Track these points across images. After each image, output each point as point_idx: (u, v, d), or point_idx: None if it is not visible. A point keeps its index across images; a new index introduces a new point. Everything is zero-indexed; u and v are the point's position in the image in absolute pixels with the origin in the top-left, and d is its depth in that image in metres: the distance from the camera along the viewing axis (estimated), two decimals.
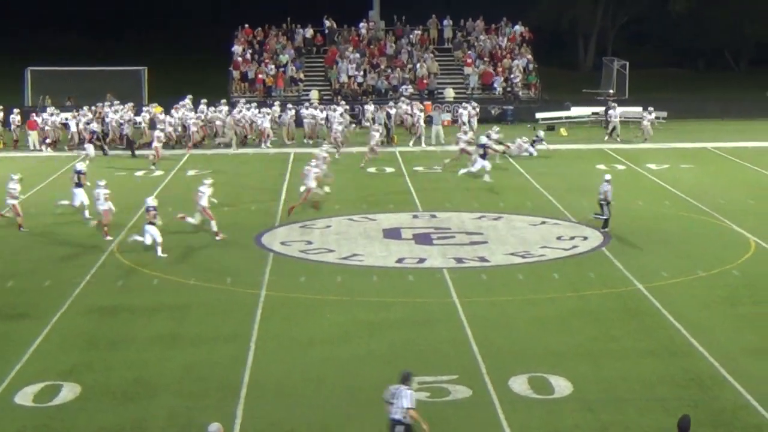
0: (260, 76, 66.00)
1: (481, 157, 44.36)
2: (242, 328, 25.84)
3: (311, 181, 38.61)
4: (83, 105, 57.04)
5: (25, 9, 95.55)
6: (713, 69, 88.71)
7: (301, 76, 67.37)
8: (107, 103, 57.28)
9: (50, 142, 54.22)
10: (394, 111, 57.98)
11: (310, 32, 70.61)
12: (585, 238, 34.94)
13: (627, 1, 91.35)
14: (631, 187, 43.35)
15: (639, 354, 24.07)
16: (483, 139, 45.34)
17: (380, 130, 51.80)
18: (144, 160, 49.99)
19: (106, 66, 63.47)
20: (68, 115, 55.29)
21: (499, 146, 48.54)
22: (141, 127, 54.88)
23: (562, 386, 22.04)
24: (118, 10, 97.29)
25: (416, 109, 57.00)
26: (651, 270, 30.84)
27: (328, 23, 71.40)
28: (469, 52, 69.19)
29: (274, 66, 66.84)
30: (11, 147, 54.49)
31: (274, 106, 58.01)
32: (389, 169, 47.91)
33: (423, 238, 35.09)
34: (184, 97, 57.92)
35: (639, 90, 66.81)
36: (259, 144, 54.84)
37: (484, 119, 59.44)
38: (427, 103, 61.93)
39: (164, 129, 52.03)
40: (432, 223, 37.47)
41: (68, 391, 21.92)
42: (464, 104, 58.42)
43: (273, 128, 55.55)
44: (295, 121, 57.04)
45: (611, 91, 67.81)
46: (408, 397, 18.15)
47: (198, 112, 56.40)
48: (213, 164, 49.28)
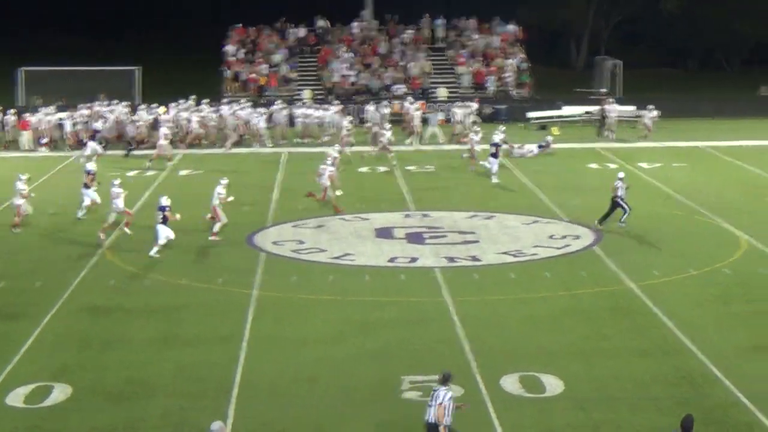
0: (253, 75, 65.95)
1: (492, 156, 44.40)
2: (234, 328, 25.83)
3: (326, 179, 38.75)
4: (76, 105, 56.82)
5: (24, 9, 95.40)
6: (706, 68, 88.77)
7: (294, 75, 67.35)
8: (105, 102, 57.13)
9: (46, 142, 54.11)
10: (387, 110, 57.89)
11: (303, 32, 70.57)
12: (577, 237, 34.98)
13: (620, 0, 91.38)
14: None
15: (631, 353, 24.11)
16: (495, 138, 45.35)
17: (391, 128, 51.79)
18: (137, 160, 49.98)
19: (106, 66, 63.23)
20: (63, 115, 55.22)
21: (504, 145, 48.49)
22: (140, 126, 54.64)
23: (553, 385, 22.07)
24: (118, 10, 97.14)
25: (412, 108, 56.90)
26: (643, 269, 30.88)
27: (321, 23, 71.37)
28: (462, 52, 69.18)
29: (267, 65, 66.80)
30: (2, 147, 54.30)
31: (275, 105, 58.00)
32: (382, 169, 47.92)
33: (415, 238, 35.10)
34: (186, 97, 57.74)
35: (632, 89, 66.83)
36: (262, 143, 54.64)
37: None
38: (421, 102, 61.89)
39: (170, 128, 51.98)
40: (424, 223, 37.47)
41: (60, 392, 21.89)
42: (467, 104, 58.26)
43: (267, 127, 55.45)
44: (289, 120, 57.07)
45: (603, 90, 67.81)
46: (440, 396, 18.10)
47: (199, 112, 56.17)
48: (206, 164, 49.24)
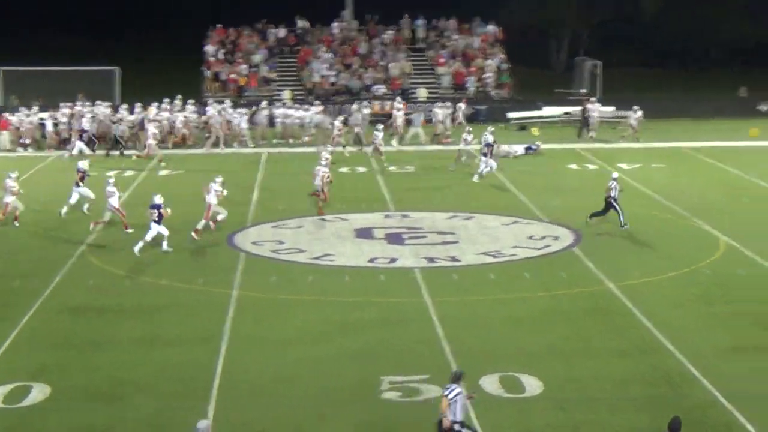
0: (233, 76, 65.82)
1: (484, 156, 44.51)
2: (214, 329, 25.79)
3: (319, 180, 38.78)
4: (55, 105, 56.55)
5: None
6: (685, 69, 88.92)
7: (274, 76, 67.25)
8: (87, 102, 56.84)
9: (28, 143, 53.89)
10: (367, 111, 57.85)
11: (283, 32, 70.47)
12: (556, 238, 35.03)
13: (600, 1, 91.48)
14: (602, 187, 43.34)
15: (610, 353, 24.18)
16: (489, 139, 45.43)
17: (383, 128, 51.91)
18: (117, 160, 49.91)
19: (84, 65, 62.88)
20: (44, 115, 55.02)
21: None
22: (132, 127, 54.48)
23: (533, 385, 22.10)
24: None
25: (395, 109, 56.90)
26: (622, 269, 30.94)
27: (301, 23, 71.26)
28: (442, 52, 69.20)
29: (246, 66, 66.68)
30: None
31: (261, 104, 58.08)
32: (362, 169, 47.89)
33: (395, 238, 35.10)
34: (171, 98, 57.64)
35: (612, 90, 66.94)
36: (243, 143, 54.58)
37: (455, 119, 59.21)
38: (402, 102, 61.74)
39: (158, 127, 51.91)
40: (404, 223, 37.47)
41: (38, 392, 21.83)
42: (448, 104, 58.19)
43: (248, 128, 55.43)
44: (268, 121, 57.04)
45: (583, 90, 67.89)
46: (448, 390, 18.18)
47: (186, 112, 56.07)
48: (186, 164, 49.13)
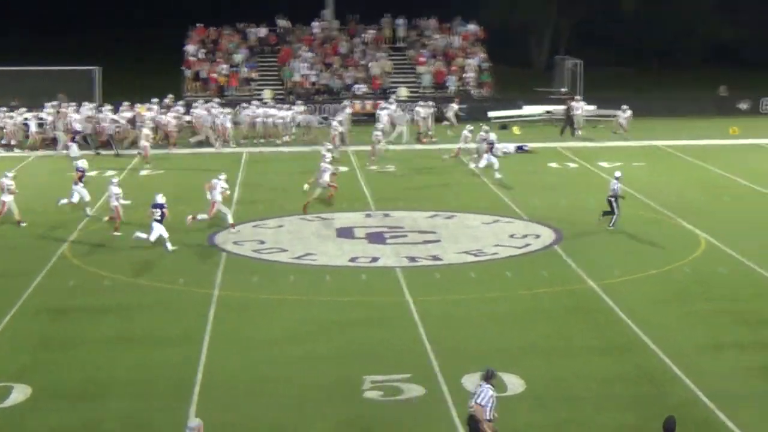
0: (213, 75, 65.68)
1: (486, 153, 44.63)
2: (195, 328, 25.74)
3: (326, 176, 38.98)
4: (35, 105, 56.31)
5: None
6: (666, 68, 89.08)
7: (255, 75, 67.14)
8: (71, 103, 56.62)
9: (13, 143, 53.65)
10: (349, 110, 57.81)
11: (263, 31, 70.36)
12: (537, 237, 35.06)
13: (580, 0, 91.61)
14: (583, 186, 43.57)
15: (591, 351, 24.22)
16: (492, 136, 45.54)
17: (383, 127, 52.30)
18: (101, 160, 49.79)
19: (65, 65, 62.64)
20: (29, 116, 54.81)
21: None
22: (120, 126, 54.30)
23: (515, 384, 22.11)
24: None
25: (392, 109, 56.94)
26: (603, 268, 30.99)
27: (281, 22, 71.18)
28: (423, 51, 69.20)
29: (227, 66, 66.53)
30: None
31: (252, 103, 58.14)
32: (343, 168, 47.81)
33: (376, 237, 35.09)
34: (160, 98, 57.59)
35: (592, 89, 67.00)
36: (226, 143, 54.48)
37: (437, 118, 59.28)
38: (378, 102, 61.72)
39: (151, 127, 51.84)
40: (385, 222, 37.47)
41: (19, 393, 21.74)
42: (420, 103, 58.24)
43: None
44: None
45: (564, 89, 67.98)
46: (481, 394, 18.10)
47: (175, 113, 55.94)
48: (166, 164, 48.98)
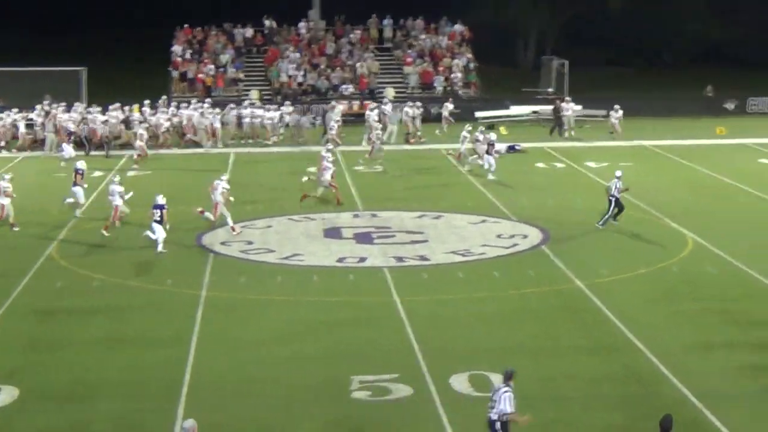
0: (200, 75, 65.59)
1: (487, 153, 44.66)
2: (183, 329, 25.71)
3: (327, 175, 39.11)
4: (21, 105, 56.16)
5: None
6: (652, 68, 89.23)
7: (241, 76, 67.08)
8: (59, 104, 56.47)
9: (3, 144, 53.50)
10: (341, 107, 57.88)
11: (250, 32, 70.29)
12: (525, 237, 35.09)
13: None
14: (570, 186, 43.66)
15: (579, 351, 24.24)
16: (492, 136, 45.61)
17: (383, 127, 52.45)
18: (90, 159, 49.62)
19: (49, 66, 62.49)
20: (18, 116, 54.70)
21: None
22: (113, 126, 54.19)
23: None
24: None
25: (388, 109, 56.96)
26: (591, 267, 31.03)
27: (268, 23, 71.10)
28: (410, 52, 69.20)
29: (213, 66, 66.42)
30: None
31: (247, 102, 58.19)
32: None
33: (364, 238, 35.09)
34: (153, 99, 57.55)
35: (579, 89, 67.08)
36: (215, 143, 54.44)
37: (424, 119, 59.31)
38: (367, 102, 61.75)
39: (147, 127, 51.84)
40: (373, 223, 37.47)
41: (6, 395, 21.69)
42: (409, 104, 58.19)
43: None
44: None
45: (550, 89, 68.05)
46: (505, 401, 18.08)
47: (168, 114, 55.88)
48: (154, 165, 48.88)
